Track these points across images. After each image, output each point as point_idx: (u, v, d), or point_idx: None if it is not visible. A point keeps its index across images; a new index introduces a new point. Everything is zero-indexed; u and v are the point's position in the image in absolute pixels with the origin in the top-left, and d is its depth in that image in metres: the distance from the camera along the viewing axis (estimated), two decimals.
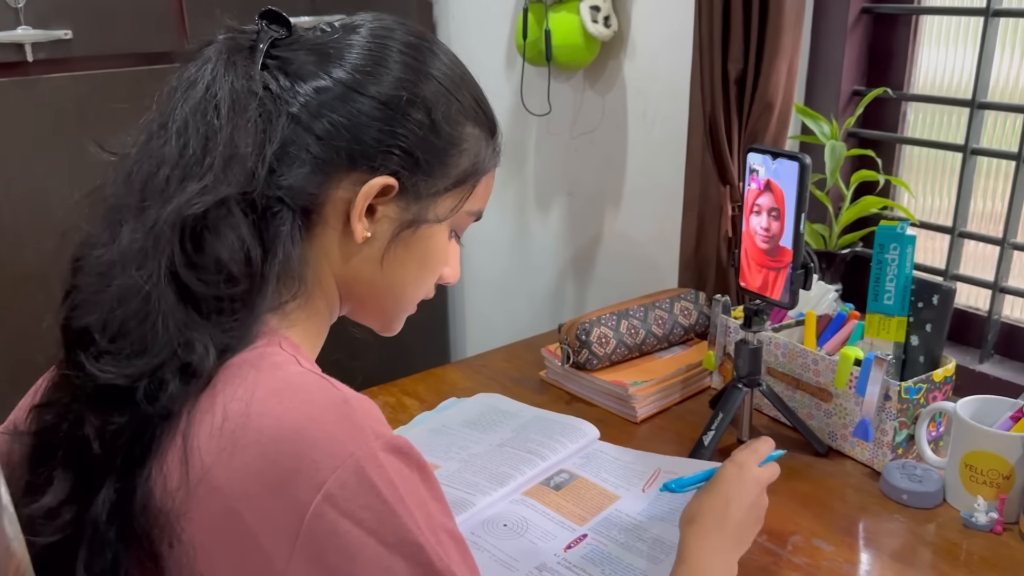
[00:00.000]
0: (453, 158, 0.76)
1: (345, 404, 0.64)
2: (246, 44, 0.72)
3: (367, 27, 0.75)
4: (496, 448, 1.19)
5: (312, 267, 0.74)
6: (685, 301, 1.48)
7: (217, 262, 0.66)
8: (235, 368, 0.66)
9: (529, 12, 1.77)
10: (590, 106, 1.88)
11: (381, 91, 0.72)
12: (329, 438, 0.61)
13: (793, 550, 1.01)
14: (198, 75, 0.70)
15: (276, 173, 0.69)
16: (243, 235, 0.67)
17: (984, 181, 1.42)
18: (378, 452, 0.62)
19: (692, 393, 1.38)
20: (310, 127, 0.70)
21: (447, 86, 0.76)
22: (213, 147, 0.68)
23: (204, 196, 0.66)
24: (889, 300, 1.19)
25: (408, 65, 0.74)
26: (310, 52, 0.73)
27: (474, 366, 1.51)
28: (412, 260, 0.78)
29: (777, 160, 1.09)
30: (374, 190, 0.72)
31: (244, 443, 0.62)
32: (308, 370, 0.67)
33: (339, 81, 0.71)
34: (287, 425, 0.62)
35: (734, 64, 1.43)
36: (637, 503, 1.08)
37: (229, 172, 0.67)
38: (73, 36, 1.57)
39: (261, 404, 0.64)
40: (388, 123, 0.72)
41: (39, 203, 1.57)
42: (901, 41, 1.48)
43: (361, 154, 0.72)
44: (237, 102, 0.69)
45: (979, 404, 1.10)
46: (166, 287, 0.65)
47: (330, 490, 0.60)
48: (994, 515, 1.03)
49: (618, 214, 1.90)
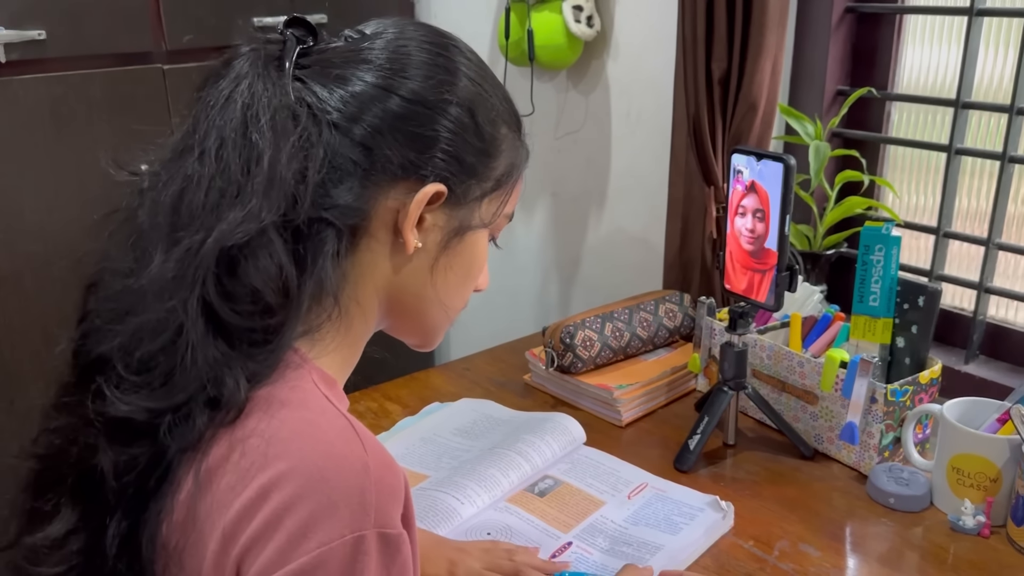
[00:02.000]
0: (494, 160, 0.74)
1: (364, 473, 0.60)
2: (275, 54, 0.68)
3: (394, 32, 0.73)
4: (486, 452, 1.17)
5: (351, 285, 0.71)
6: (670, 303, 1.47)
7: (253, 292, 0.63)
8: (262, 402, 0.63)
9: (511, 12, 1.75)
10: (573, 106, 1.87)
11: (426, 96, 0.69)
12: (332, 507, 0.59)
13: (780, 555, 1.00)
14: (233, 91, 0.66)
15: (322, 192, 0.66)
16: (282, 262, 0.64)
17: (969, 181, 1.42)
18: (371, 541, 0.59)
19: (677, 396, 1.37)
20: (354, 138, 0.67)
21: (483, 86, 0.74)
22: (256, 170, 0.64)
23: (247, 224, 0.62)
24: (874, 301, 1.18)
25: (446, 68, 0.72)
26: (345, 60, 0.69)
27: (457, 370, 1.49)
28: (460, 268, 0.76)
29: (761, 161, 1.08)
30: (426, 198, 0.69)
31: (252, 482, 0.60)
32: (339, 413, 0.64)
33: (381, 88, 0.68)
34: (298, 474, 0.60)
35: (718, 64, 1.42)
36: (622, 509, 1.07)
37: (272, 197, 0.63)
38: (47, 36, 1.54)
39: (281, 445, 0.61)
40: (434, 127, 0.70)
41: (13, 206, 1.55)
42: (885, 40, 1.48)
43: (410, 161, 0.69)
44: (277, 121, 0.65)
45: (966, 406, 1.09)
46: (198, 318, 0.62)
47: (306, 566, 0.58)
48: (981, 518, 1.03)
49: (602, 215, 1.88)
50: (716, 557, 1.00)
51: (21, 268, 1.56)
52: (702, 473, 1.16)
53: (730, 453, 1.21)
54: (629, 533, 1.02)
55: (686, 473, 1.16)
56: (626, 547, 1.00)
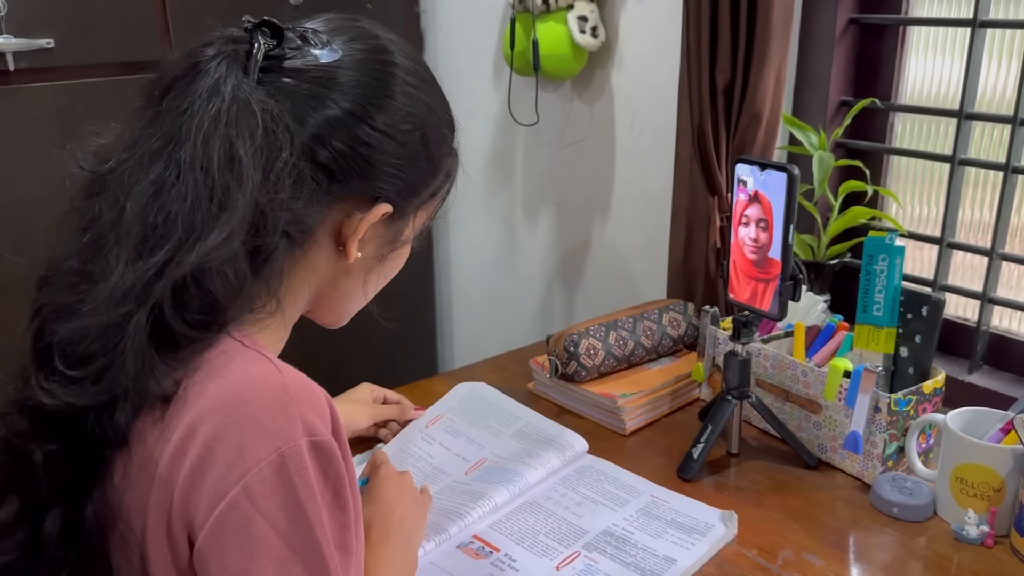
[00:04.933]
0: (435, 178, 0.79)
1: (283, 390, 0.63)
2: (243, 59, 0.69)
3: (362, 46, 0.74)
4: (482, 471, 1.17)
5: (292, 283, 0.74)
6: (674, 312, 1.48)
7: (212, 302, 0.65)
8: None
9: (516, 22, 1.76)
10: (578, 116, 1.88)
11: (395, 126, 0.73)
12: (259, 426, 0.61)
13: (783, 564, 1.00)
14: (208, 101, 0.66)
15: (285, 207, 0.68)
16: (246, 274, 0.66)
17: (972, 191, 1.42)
18: (304, 451, 0.62)
19: (681, 405, 1.37)
20: (318, 160, 0.69)
21: (436, 111, 0.77)
22: (237, 192, 0.64)
23: (228, 245, 0.64)
24: (878, 311, 1.18)
25: (409, 94, 0.74)
26: (315, 78, 0.70)
27: (461, 377, 1.49)
28: (389, 270, 0.82)
29: (765, 171, 1.08)
30: (375, 218, 0.74)
31: (177, 423, 0.63)
32: (255, 351, 0.67)
33: (348, 112, 0.70)
34: (218, 404, 0.62)
35: (722, 74, 1.43)
36: (628, 519, 1.07)
37: (249, 218, 0.65)
38: (55, 45, 1.55)
39: (199, 386, 0.64)
40: (393, 155, 0.73)
41: (20, 213, 1.55)
42: (889, 51, 1.48)
43: (364, 184, 0.72)
44: (259, 139, 0.66)
45: (969, 416, 1.10)
46: (145, 327, 0.63)
47: (251, 484, 0.60)
48: (985, 528, 1.03)
49: (606, 224, 1.89)
50: (720, 566, 1.00)
51: (28, 276, 1.57)
52: (706, 482, 1.16)
53: (733, 462, 1.21)
54: (637, 543, 1.02)
55: (689, 482, 1.16)
56: (634, 558, 1.00)
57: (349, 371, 2.11)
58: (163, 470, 0.62)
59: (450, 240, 2.30)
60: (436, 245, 2.31)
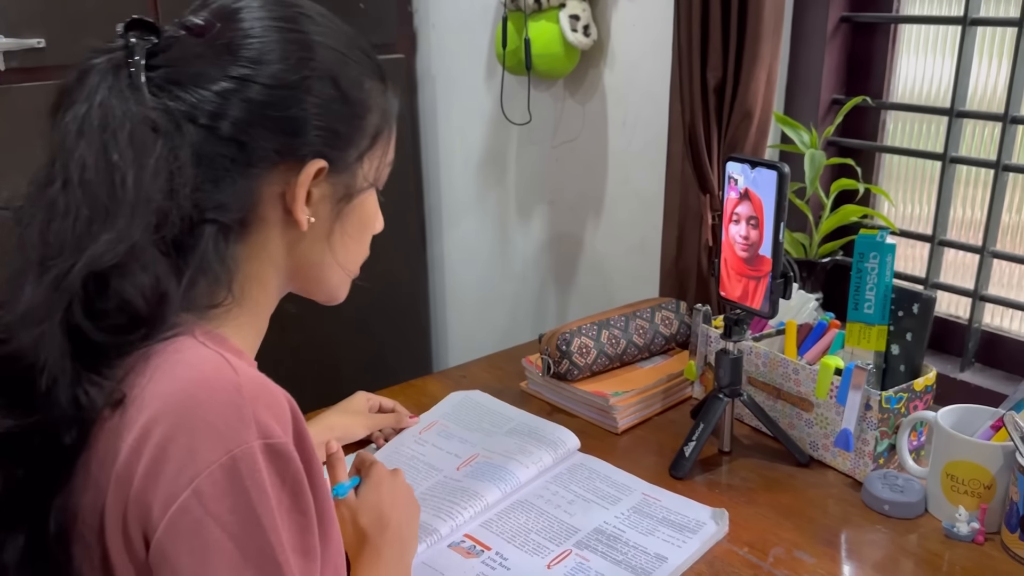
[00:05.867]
0: (365, 120, 0.75)
1: (236, 392, 0.62)
2: (122, 63, 0.67)
3: (241, 15, 0.71)
4: (473, 467, 1.17)
5: (249, 269, 0.72)
6: (666, 310, 1.48)
7: (124, 305, 0.63)
8: (140, 360, 0.65)
9: (508, 21, 1.76)
10: (570, 115, 1.88)
11: (286, 78, 0.69)
12: (210, 428, 0.60)
13: (775, 562, 1.00)
14: (87, 113, 0.65)
15: (200, 194, 0.66)
16: (157, 273, 0.64)
17: (963, 189, 1.42)
18: (257, 454, 0.61)
19: (673, 403, 1.37)
20: (223, 135, 0.67)
21: (341, 50, 0.74)
22: (121, 193, 0.63)
23: (117, 246, 0.62)
24: (869, 309, 1.18)
25: (300, 43, 0.71)
26: (198, 56, 0.68)
27: (454, 377, 1.49)
28: (355, 228, 0.78)
29: (756, 169, 1.08)
30: (309, 178, 0.71)
31: (133, 423, 0.62)
32: (212, 350, 0.65)
33: (239, 79, 0.67)
34: (171, 405, 0.61)
35: (713, 72, 1.43)
36: (620, 517, 1.07)
37: (141, 214, 0.63)
38: (46, 44, 1.55)
39: (154, 387, 0.63)
40: (301, 107, 0.70)
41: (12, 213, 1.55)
42: (880, 49, 1.49)
43: (284, 145, 0.69)
44: (136, 137, 0.64)
45: (960, 413, 1.10)
46: (60, 341, 0.62)
47: (201, 487, 0.59)
48: (976, 525, 1.03)
49: (599, 223, 1.89)
50: (711, 564, 1.00)
51: None
52: (698, 480, 1.17)
53: (725, 460, 1.21)
54: (628, 541, 1.03)
55: (682, 480, 1.16)
56: (625, 555, 1.00)
57: (343, 370, 2.12)
58: (119, 470, 0.62)
59: (443, 239, 2.30)
60: (429, 244, 2.31)
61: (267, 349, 0.80)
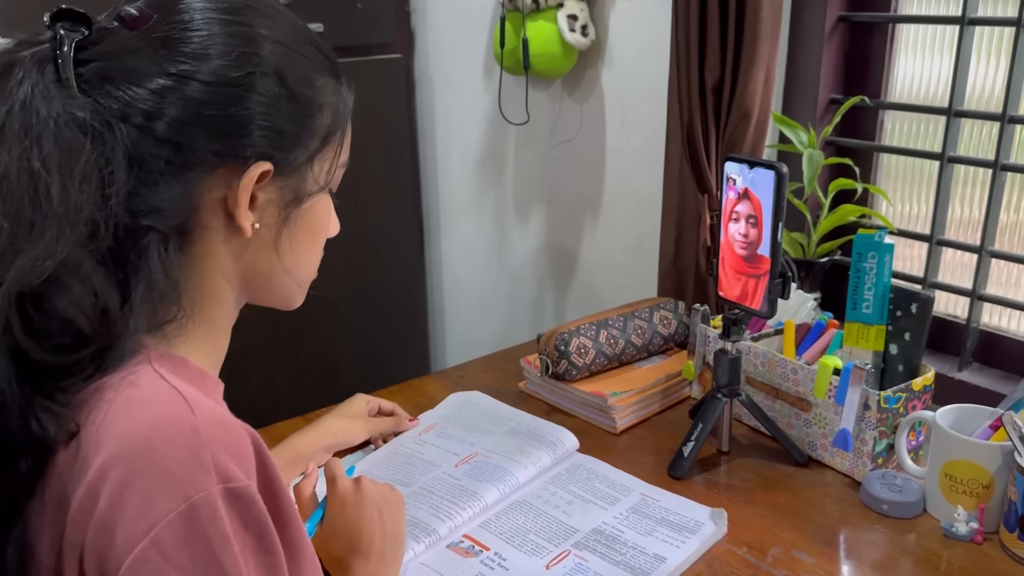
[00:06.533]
0: (315, 119, 0.70)
1: (194, 435, 0.58)
2: (49, 56, 0.61)
3: (182, 1, 0.66)
4: (472, 466, 1.17)
5: (196, 279, 0.68)
6: (665, 310, 1.48)
7: (65, 323, 0.59)
8: (95, 392, 0.61)
9: (506, 21, 1.76)
10: (568, 115, 1.88)
11: (227, 75, 0.64)
12: (166, 474, 0.57)
13: (773, 562, 1.00)
14: (9, 111, 0.59)
15: (136, 199, 0.61)
16: (95, 287, 0.60)
17: (961, 188, 1.42)
18: (217, 500, 0.58)
19: (672, 403, 1.37)
20: (159, 136, 0.62)
21: (289, 44, 0.68)
22: (46, 203, 0.58)
23: (44, 262, 0.58)
24: (868, 309, 1.18)
25: (244, 36, 0.66)
26: (131, 50, 0.63)
27: (452, 377, 1.49)
28: (305, 235, 0.73)
29: (754, 169, 1.08)
30: (252, 180, 0.66)
31: (90, 464, 0.59)
32: (169, 387, 0.62)
33: (177, 75, 0.62)
34: (126, 449, 0.58)
35: (711, 72, 1.43)
36: (618, 518, 1.07)
37: (70, 225, 0.59)
38: None
39: (110, 426, 0.59)
40: (244, 105, 0.65)
41: None
42: (878, 49, 1.49)
43: (225, 147, 0.64)
44: (61, 140, 0.59)
45: (958, 413, 1.10)
46: (4, 364, 0.58)
47: (159, 536, 0.56)
48: (974, 525, 1.03)
49: (597, 223, 1.89)
50: (710, 564, 1.00)
51: None
52: (696, 480, 1.16)
53: (724, 460, 1.21)
54: (627, 542, 1.02)
55: (680, 480, 1.16)
56: (624, 556, 1.00)
57: (341, 370, 2.11)
58: (74, 515, 0.59)
59: (441, 239, 2.30)
60: (427, 245, 2.31)
61: (266, 349, 0.79)
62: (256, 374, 1.84)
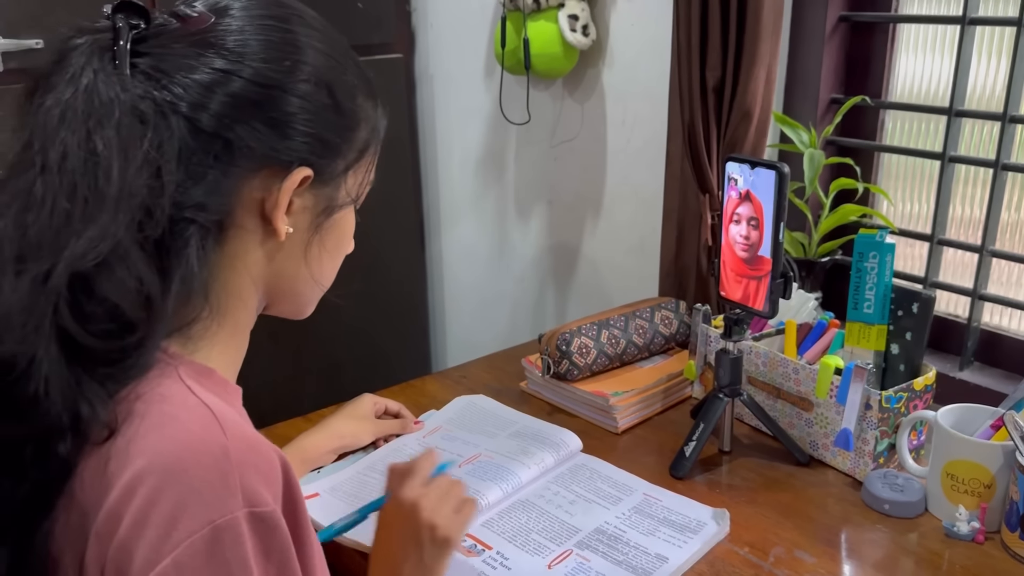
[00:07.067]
0: (355, 133, 0.73)
1: (224, 457, 0.59)
2: (107, 45, 0.63)
3: (235, 7, 0.68)
4: (476, 464, 1.17)
5: (224, 278, 0.69)
6: (666, 310, 1.48)
7: (112, 309, 0.60)
8: (124, 403, 0.62)
9: (507, 21, 1.76)
10: (569, 115, 1.88)
11: (273, 77, 0.66)
12: (194, 496, 0.58)
13: (775, 562, 1.00)
14: (71, 96, 0.61)
15: (181, 191, 0.62)
16: (141, 274, 0.61)
17: (962, 188, 1.42)
18: (241, 524, 0.58)
19: (673, 403, 1.37)
20: (209, 131, 0.63)
21: (336, 58, 0.71)
22: (105, 184, 0.59)
23: (100, 244, 0.59)
24: (869, 308, 1.18)
25: (295, 44, 0.68)
26: (184, 46, 0.65)
27: (454, 377, 1.49)
28: (332, 245, 0.75)
29: (755, 169, 1.08)
30: (294, 184, 0.68)
31: (117, 480, 0.59)
32: (200, 403, 0.62)
33: (229, 73, 0.64)
34: (156, 467, 0.58)
35: (712, 72, 1.43)
36: (620, 518, 1.07)
37: (125, 209, 0.60)
38: (44, 45, 1.54)
39: (141, 442, 0.60)
40: (291, 110, 0.67)
41: None
42: (879, 49, 1.49)
43: (271, 148, 0.66)
44: (123, 125, 0.60)
45: (960, 413, 1.10)
46: (51, 347, 0.59)
47: (180, 558, 0.57)
48: (976, 524, 1.03)
49: (598, 223, 1.89)
50: (712, 564, 1.00)
51: None
52: (698, 480, 1.17)
53: (726, 460, 1.22)
54: (629, 541, 1.03)
55: (682, 480, 1.16)
56: (626, 556, 1.00)
57: (342, 370, 2.12)
58: (99, 527, 0.59)
59: (442, 239, 2.30)
60: (428, 244, 2.31)
61: (266, 349, 0.78)
62: (257, 374, 1.83)
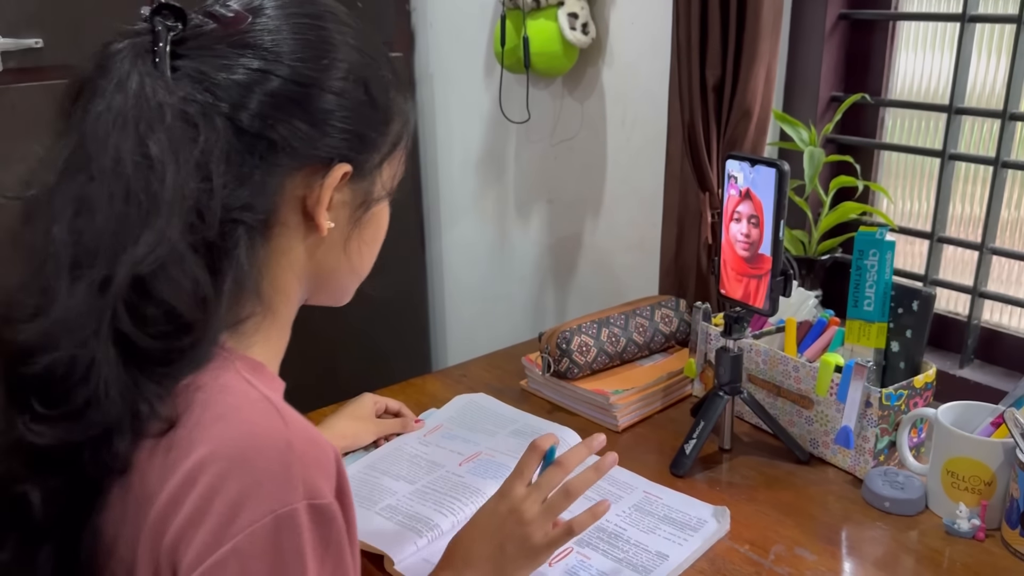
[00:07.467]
0: (390, 127, 0.75)
1: (287, 449, 0.60)
2: (148, 47, 0.64)
3: (269, 7, 0.69)
4: (475, 463, 1.17)
5: (270, 275, 0.70)
6: (666, 308, 1.48)
7: (168, 311, 0.61)
8: (184, 393, 0.62)
9: (507, 19, 1.76)
10: (569, 113, 1.88)
11: (320, 77, 0.68)
12: (257, 486, 0.59)
13: (776, 560, 1.00)
14: (120, 101, 0.62)
15: (228, 192, 0.63)
16: (196, 275, 0.61)
17: (962, 186, 1.42)
18: (301, 514, 0.59)
19: (673, 401, 1.37)
20: (250, 130, 0.65)
21: (371, 55, 0.73)
22: (160, 188, 0.60)
23: (158, 248, 0.59)
24: (869, 306, 1.18)
25: (331, 42, 0.70)
26: (223, 47, 0.66)
27: (454, 376, 1.49)
28: (371, 237, 0.78)
29: (755, 167, 1.08)
30: (336, 180, 0.69)
31: (179, 467, 0.60)
32: (261, 396, 0.63)
33: (273, 74, 0.66)
34: (219, 456, 0.59)
35: (712, 71, 1.43)
36: (621, 515, 1.07)
37: (179, 213, 0.60)
38: (44, 45, 1.54)
39: (203, 431, 0.61)
40: (333, 109, 0.68)
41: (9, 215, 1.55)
42: (878, 47, 1.49)
43: (312, 147, 0.68)
44: (174, 129, 0.61)
45: (960, 410, 1.10)
46: (110, 350, 0.60)
47: (240, 545, 0.58)
48: (976, 522, 1.03)
49: (598, 221, 1.89)
50: (712, 561, 1.00)
51: None
52: (698, 478, 1.17)
53: (726, 458, 1.22)
54: (629, 539, 1.03)
55: (682, 478, 1.16)
56: (626, 553, 1.00)
57: (342, 369, 2.12)
58: (158, 512, 0.60)
59: (442, 238, 2.30)
60: (428, 243, 2.31)
61: None
62: None
